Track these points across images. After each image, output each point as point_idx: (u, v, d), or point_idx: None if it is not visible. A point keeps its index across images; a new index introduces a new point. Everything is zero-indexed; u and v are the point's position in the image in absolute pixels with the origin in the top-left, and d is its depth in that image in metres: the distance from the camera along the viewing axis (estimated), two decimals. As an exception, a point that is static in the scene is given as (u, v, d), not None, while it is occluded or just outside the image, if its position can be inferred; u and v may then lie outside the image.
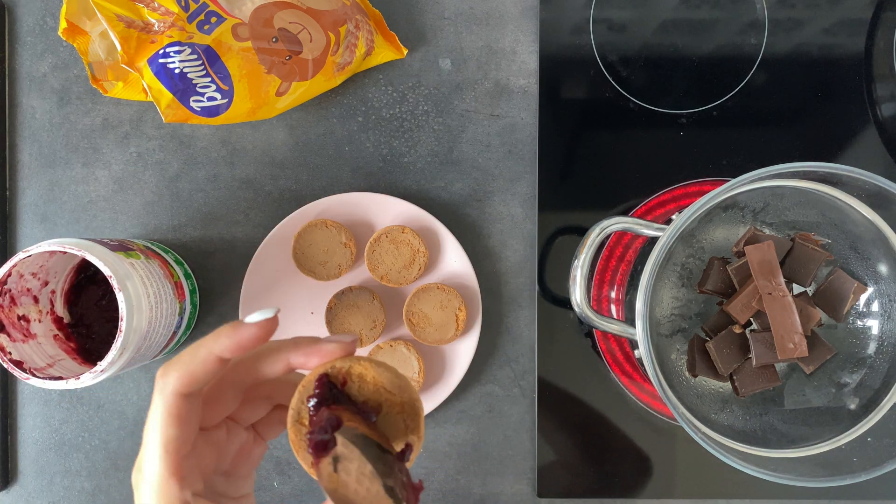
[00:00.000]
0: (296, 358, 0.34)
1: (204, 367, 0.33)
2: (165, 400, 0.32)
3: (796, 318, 0.50)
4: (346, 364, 0.33)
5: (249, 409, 0.37)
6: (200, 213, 0.61)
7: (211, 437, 0.35)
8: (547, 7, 0.60)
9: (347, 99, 0.61)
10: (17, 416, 0.60)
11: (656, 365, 0.48)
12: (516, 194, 0.61)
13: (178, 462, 0.32)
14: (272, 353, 0.34)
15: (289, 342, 0.34)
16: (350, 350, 0.34)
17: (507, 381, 0.61)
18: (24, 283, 0.51)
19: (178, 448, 0.32)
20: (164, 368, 0.33)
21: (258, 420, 0.37)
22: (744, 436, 0.51)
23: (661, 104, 0.60)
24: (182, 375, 0.32)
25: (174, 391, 0.32)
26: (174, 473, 0.32)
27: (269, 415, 0.38)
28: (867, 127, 0.60)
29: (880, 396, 0.52)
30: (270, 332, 0.34)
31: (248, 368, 0.35)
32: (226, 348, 0.33)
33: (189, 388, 0.32)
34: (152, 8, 0.52)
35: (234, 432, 0.36)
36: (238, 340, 0.33)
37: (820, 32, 0.61)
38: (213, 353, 0.33)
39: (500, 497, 0.60)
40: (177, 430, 0.32)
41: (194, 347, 0.33)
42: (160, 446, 0.32)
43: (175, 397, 0.32)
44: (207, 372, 0.33)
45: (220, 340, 0.33)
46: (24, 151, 0.61)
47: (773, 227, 0.56)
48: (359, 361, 0.34)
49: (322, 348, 0.34)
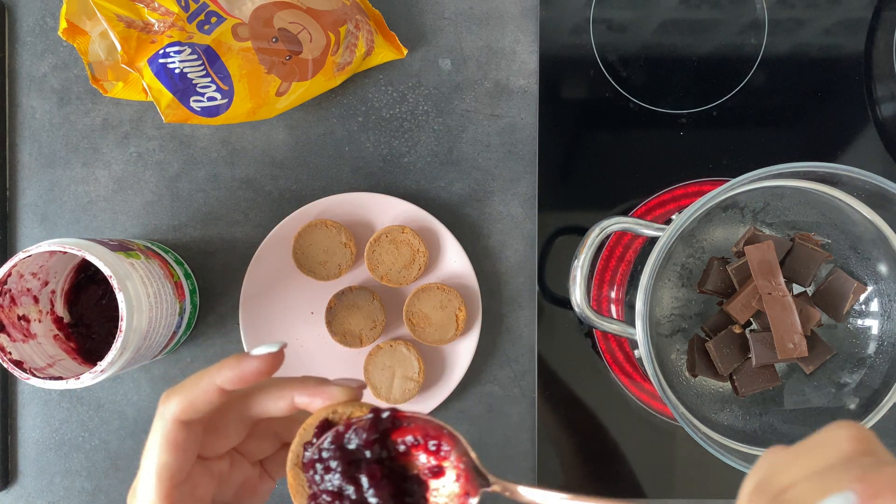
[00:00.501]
0: (300, 398, 0.34)
1: (205, 395, 0.33)
2: (164, 426, 0.33)
3: (796, 318, 0.50)
4: (348, 410, 0.33)
5: (257, 443, 0.37)
6: (200, 213, 0.61)
7: (212, 468, 0.35)
8: (547, 7, 0.60)
9: (347, 99, 0.61)
10: (17, 416, 0.60)
11: (656, 365, 0.48)
12: (516, 194, 0.61)
13: (170, 490, 0.32)
14: (277, 389, 0.34)
15: (295, 381, 0.34)
16: (356, 396, 0.34)
17: (507, 381, 0.61)
18: (24, 283, 0.51)
19: (172, 476, 0.32)
20: (167, 394, 0.33)
21: (266, 457, 0.37)
22: (744, 436, 0.51)
23: (661, 104, 0.60)
24: (183, 402, 0.33)
25: (173, 417, 0.32)
26: (165, 501, 0.32)
27: (277, 452, 0.38)
28: (867, 127, 0.60)
29: (880, 396, 0.52)
30: (275, 367, 0.34)
31: (253, 403, 0.35)
32: (228, 380, 0.33)
33: (188, 415, 0.33)
34: (152, 8, 0.52)
35: (238, 465, 0.36)
36: (240, 373, 0.33)
37: (820, 32, 0.61)
38: (215, 382, 0.33)
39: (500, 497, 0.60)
40: (172, 457, 0.32)
41: (197, 376, 0.33)
42: (154, 473, 0.32)
43: (174, 424, 0.33)
44: (208, 401, 0.33)
45: (223, 371, 0.33)
46: (24, 151, 0.61)
47: (773, 227, 0.56)
48: (362, 408, 0.33)
49: (327, 391, 0.34)
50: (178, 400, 0.33)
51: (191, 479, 0.34)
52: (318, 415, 0.33)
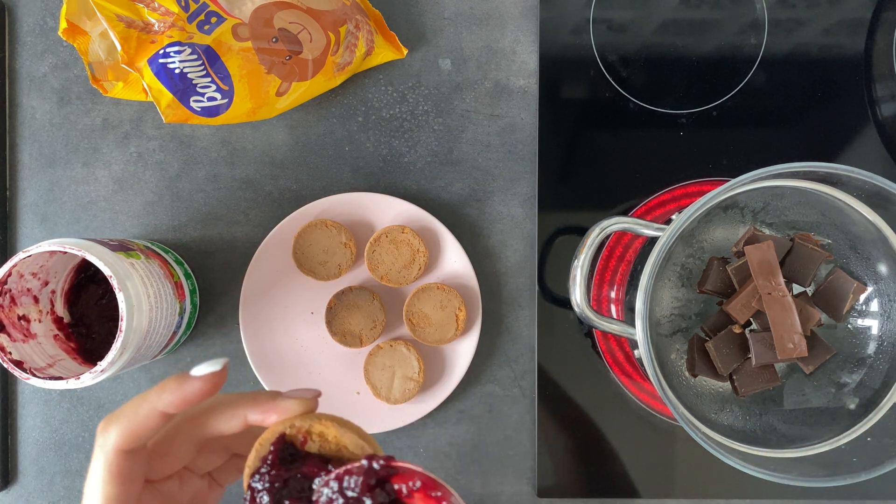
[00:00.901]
0: (253, 415, 0.33)
1: (146, 422, 0.31)
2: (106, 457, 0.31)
3: (796, 318, 0.50)
4: (306, 423, 0.32)
5: (205, 458, 0.36)
6: (200, 213, 0.61)
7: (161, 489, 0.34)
8: (547, 7, 0.60)
9: (347, 99, 0.61)
10: (17, 416, 0.60)
11: (656, 365, 0.48)
12: (516, 194, 0.61)
13: None
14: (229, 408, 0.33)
15: (247, 397, 0.33)
16: (311, 407, 0.33)
17: (507, 381, 0.61)
18: (25, 283, 0.51)
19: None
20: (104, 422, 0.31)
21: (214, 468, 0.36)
22: (744, 436, 0.51)
23: (661, 104, 0.60)
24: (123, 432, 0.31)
25: (115, 448, 0.31)
26: None
27: (226, 463, 0.37)
28: (867, 127, 0.60)
29: (880, 396, 0.52)
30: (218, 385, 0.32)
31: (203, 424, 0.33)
32: (169, 404, 0.31)
33: (130, 444, 0.31)
34: (152, 8, 0.52)
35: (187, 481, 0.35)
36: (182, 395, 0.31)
37: (820, 32, 0.61)
38: (157, 408, 0.31)
39: (500, 497, 0.61)
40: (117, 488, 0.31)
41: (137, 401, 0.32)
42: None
43: (116, 454, 0.31)
44: (150, 427, 0.31)
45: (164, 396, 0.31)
46: (24, 151, 0.61)
47: (773, 227, 0.56)
48: (320, 420, 0.32)
49: (280, 405, 0.32)
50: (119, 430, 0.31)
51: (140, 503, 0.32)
52: (275, 429, 0.32)
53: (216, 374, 0.32)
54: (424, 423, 0.60)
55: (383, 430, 0.58)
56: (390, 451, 0.60)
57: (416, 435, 0.60)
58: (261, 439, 0.32)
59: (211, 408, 0.33)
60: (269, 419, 0.33)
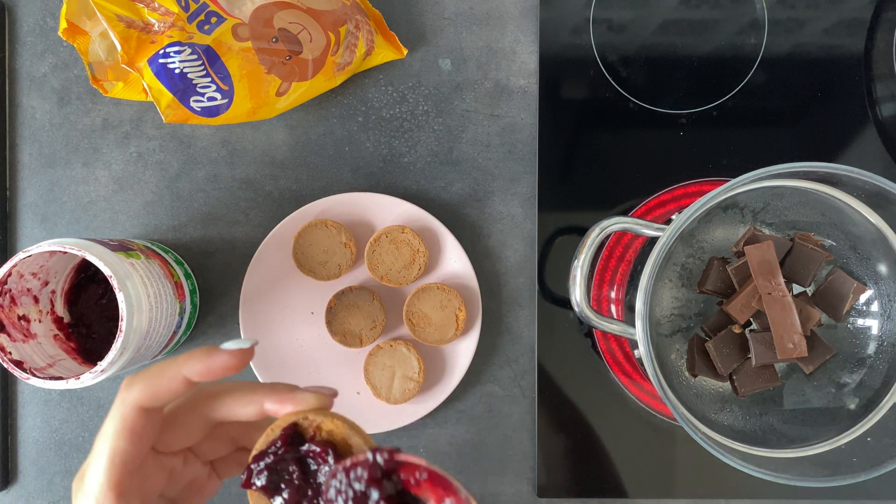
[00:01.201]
0: (270, 403, 0.33)
1: (169, 385, 0.32)
2: (124, 411, 0.32)
3: (796, 318, 0.50)
4: (318, 418, 0.33)
5: (211, 445, 0.36)
6: (200, 213, 0.61)
7: (165, 462, 0.34)
8: (547, 7, 0.60)
9: (347, 99, 0.61)
10: (17, 416, 0.60)
11: (656, 365, 0.48)
12: (516, 194, 0.61)
13: (121, 477, 0.31)
14: (247, 393, 0.34)
15: (265, 386, 0.34)
16: (326, 403, 0.33)
17: (507, 381, 0.61)
18: (25, 283, 0.51)
19: (125, 462, 0.32)
20: (129, 379, 0.32)
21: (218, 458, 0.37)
22: (744, 436, 0.51)
23: (661, 104, 0.60)
24: (146, 388, 0.32)
25: (134, 403, 0.32)
26: (114, 488, 0.31)
27: (230, 454, 0.37)
28: (867, 127, 0.60)
29: (880, 396, 0.52)
30: (244, 363, 0.33)
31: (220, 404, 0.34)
32: (195, 371, 0.32)
33: (150, 402, 0.32)
34: (152, 8, 0.52)
35: (190, 463, 0.36)
36: (209, 365, 0.32)
37: (820, 32, 0.61)
38: (182, 372, 0.32)
39: (500, 497, 0.61)
40: (128, 443, 0.32)
41: (164, 364, 0.32)
42: (107, 457, 0.31)
43: (134, 410, 0.32)
44: (172, 391, 0.32)
45: (191, 363, 0.32)
46: (24, 151, 0.61)
47: (773, 227, 0.56)
48: (332, 418, 0.33)
49: (297, 396, 0.33)
50: (142, 386, 0.32)
51: (143, 470, 0.33)
52: (287, 418, 0.33)
53: (244, 351, 0.33)
54: (424, 423, 0.60)
55: (383, 430, 0.58)
56: (390, 451, 0.60)
57: (416, 435, 0.60)
58: (272, 426, 0.33)
59: (230, 389, 0.34)
60: (285, 409, 0.33)
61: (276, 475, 0.32)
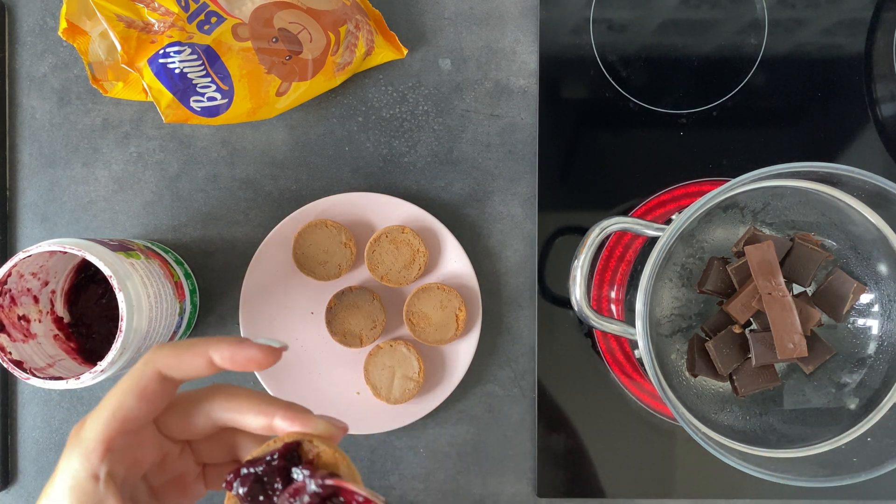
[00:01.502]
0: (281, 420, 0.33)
1: (193, 359, 0.32)
2: (143, 371, 0.32)
3: (796, 318, 0.50)
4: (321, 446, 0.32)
5: (210, 446, 0.36)
6: (200, 213, 0.61)
7: (164, 443, 0.34)
8: (547, 7, 0.60)
9: (347, 99, 0.61)
10: (17, 416, 0.60)
11: (656, 365, 0.48)
12: (516, 194, 0.61)
13: (116, 433, 0.31)
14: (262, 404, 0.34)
15: (281, 402, 0.34)
16: (336, 435, 0.33)
17: (507, 381, 0.61)
18: (24, 283, 0.51)
19: (126, 419, 0.32)
20: (157, 346, 0.33)
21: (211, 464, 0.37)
22: (744, 436, 0.51)
23: (661, 104, 0.60)
24: (170, 357, 0.32)
25: (156, 366, 0.32)
26: (105, 440, 0.31)
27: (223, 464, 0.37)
28: (867, 127, 0.60)
29: (880, 396, 0.52)
30: (271, 362, 0.33)
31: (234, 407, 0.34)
32: (222, 355, 0.33)
33: (171, 370, 0.32)
34: (152, 8, 0.52)
35: (185, 457, 0.35)
36: (235, 354, 0.33)
37: (820, 32, 0.61)
38: (209, 353, 0.33)
39: (500, 497, 0.61)
40: (135, 403, 0.32)
41: (193, 341, 0.33)
42: (110, 409, 0.32)
43: (153, 373, 0.32)
44: (194, 366, 0.33)
45: (220, 346, 0.33)
46: (24, 151, 0.61)
47: (773, 227, 0.56)
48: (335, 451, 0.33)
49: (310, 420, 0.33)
50: (168, 353, 0.32)
51: (139, 436, 0.33)
52: (293, 436, 0.33)
53: (273, 350, 0.33)
54: (424, 423, 0.60)
55: (383, 430, 0.58)
56: (390, 451, 0.60)
57: (416, 435, 0.60)
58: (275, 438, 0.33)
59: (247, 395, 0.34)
60: (294, 428, 0.33)
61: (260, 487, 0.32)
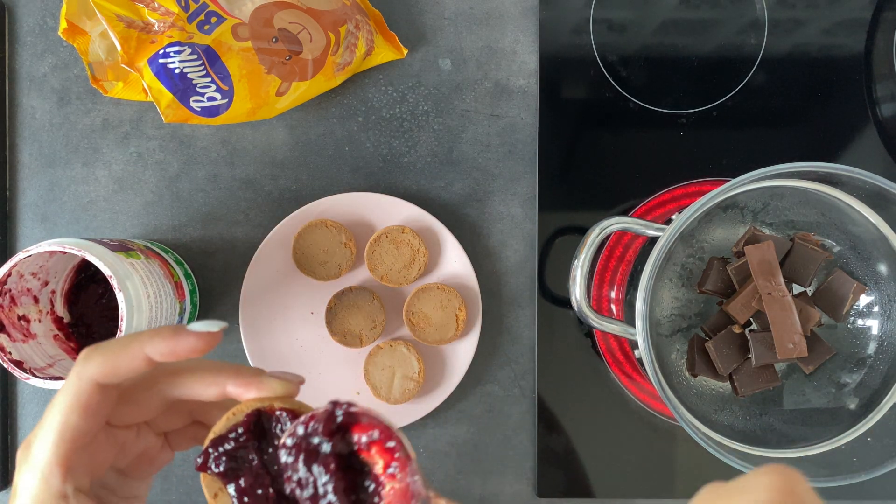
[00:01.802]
0: (233, 387, 0.32)
1: (130, 362, 0.31)
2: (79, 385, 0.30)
3: (796, 318, 0.50)
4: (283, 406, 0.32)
5: (167, 418, 0.35)
6: (200, 213, 0.61)
7: (117, 436, 0.33)
8: (547, 7, 0.60)
9: (347, 99, 0.61)
10: (17, 416, 0.60)
11: (656, 365, 0.48)
12: (516, 194, 0.61)
13: (69, 452, 0.30)
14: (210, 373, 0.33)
15: (229, 368, 0.33)
16: (292, 392, 0.33)
17: (507, 381, 0.61)
18: (24, 283, 0.51)
19: (75, 438, 0.30)
20: (87, 351, 0.31)
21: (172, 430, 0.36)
22: (744, 436, 0.51)
23: (661, 104, 0.60)
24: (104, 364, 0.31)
25: (91, 378, 0.30)
26: (61, 463, 0.30)
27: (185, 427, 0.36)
28: (867, 127, 0.60)
29: (880, 396, 0.52)
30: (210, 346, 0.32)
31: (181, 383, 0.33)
32: (158, 351, 0.31)
33: (107, 378, 0.31)
34: (152, 8, 0.52)
35: (143, 435, 0.34)
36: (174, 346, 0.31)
37: (820, 32, 0.61)
38: (144, 351, 0.31)
39: (500, 497, 0.61)
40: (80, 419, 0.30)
41: (127, 339, 0.31)
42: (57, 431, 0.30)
43: (89, 385, 0.30)
44: (132, 368, 0.31)
45: (155, 341, 0.31)
46: (24, 151, 0.61)
47: (773, 227, 0.56)
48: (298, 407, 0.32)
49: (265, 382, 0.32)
50: (101, 361, 0.30)
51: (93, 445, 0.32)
52: (251, 404, 0.32)
53: (212, 335, 0.32)
54: (424, 423, 0.60)
55: (383, 430, 0.58)
56: (390, 451, 0.60)
57: (416, 435, 0.60)
58: (234, 409, 0.32)
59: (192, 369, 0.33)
60: (248, 394, 0.32)
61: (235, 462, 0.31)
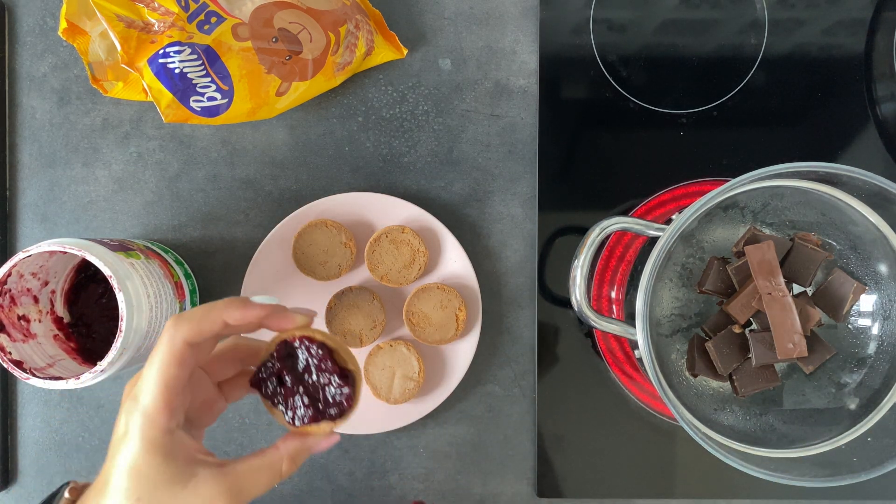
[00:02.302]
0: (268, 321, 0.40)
1: (212, 327, 0.38)
2: (174, 344, 0.37)
3: (796, 318, 0.50)
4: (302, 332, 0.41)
5: (221, 366, 0.43)
6: (200, 213, 0.61)
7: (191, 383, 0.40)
8: (547, 7, 0.60)
9: (347, 99, 0.61)
10: (17, 416, 0.60)
11: (656, 365, 0.48)
12: (516, 194, 0.61)
13: (171, 397, 0.37)
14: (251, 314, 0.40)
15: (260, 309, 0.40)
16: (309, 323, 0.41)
17: (507, 381, 0.61)
18: (24, 283, 0.51)
19: (175, 386, 0.37)
20: (175, 318, 0.38)
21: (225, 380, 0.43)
22: (744, 436, 0.51)
23: (661, 104, 0.60)
24: (192, 328, 0.38)
25: (183, 338, 0.37)
26: (166, 405, 0.37)
27: (234, 378, 0.43)
28: (867, 127, 0.60)
29: (880, 396, 0.52)
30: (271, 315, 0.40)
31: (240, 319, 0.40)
32: (233, 317, 0.39)
33: (195, 338, 0.38)
34: (152, 8, 0.52)
35: (204, 384, 0.42)
36: (245, 314, 0.39)
37: (820, 32, 0.61)
38: (222, 317, 0.38)
39: (500, 497, 0.61)
40: (178, 370, 0.37)
41: (207, 308, 0.39)
42: (160, 382, 0.37)
43: (182, 343, 0.37)
44: (213, 331, 0.38)
45: (231, 310, 0.39)
46: (24, 151, 0.61)
47: (773, 227, 0.56)
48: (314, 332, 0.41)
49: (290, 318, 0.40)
50: (189, 326, 0.38)
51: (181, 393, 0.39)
52: (279, 337, 0.41)
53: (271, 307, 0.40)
54: (424, 423, 0.60)
55: (383, 431, 0.58)
56: (390, 451, 0.60)
57: (416, 435, 0.60)
58: (268, 343, 0.41)
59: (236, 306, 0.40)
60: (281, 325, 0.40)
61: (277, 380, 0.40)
